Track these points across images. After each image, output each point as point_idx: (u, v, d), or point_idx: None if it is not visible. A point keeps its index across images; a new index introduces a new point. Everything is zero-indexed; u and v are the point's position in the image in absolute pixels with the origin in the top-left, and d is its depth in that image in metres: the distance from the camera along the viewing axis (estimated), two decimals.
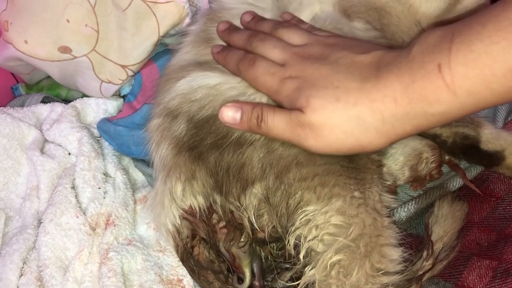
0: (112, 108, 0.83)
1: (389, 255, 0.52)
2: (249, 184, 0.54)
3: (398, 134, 0.48)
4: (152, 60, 0.82)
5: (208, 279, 0.57)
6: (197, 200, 0.56)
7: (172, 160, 0.58)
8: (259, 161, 0.54)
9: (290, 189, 0.53)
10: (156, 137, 0.61)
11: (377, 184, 0.55)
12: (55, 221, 0.66)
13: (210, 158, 0.55)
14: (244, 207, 0.55)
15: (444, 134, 0.67)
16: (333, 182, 0.52)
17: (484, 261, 0.59)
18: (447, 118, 0.46)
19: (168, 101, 0.61)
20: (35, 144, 0.75)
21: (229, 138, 0.55)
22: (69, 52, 0.78)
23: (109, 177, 0.74)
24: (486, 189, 0.68)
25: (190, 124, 0.57)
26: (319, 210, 0.51)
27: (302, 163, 0.53)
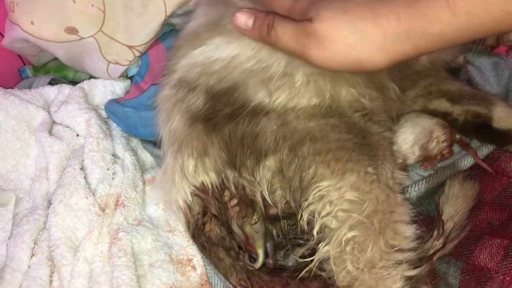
0: (120, 89, 0.83)
1: (403, 232, 0.52)
2: (263, 156, 0.54)
3: (398, 53, 0.48)
4: (159, 40, 0.81)
5: (219, 255, 0.57)
6: (210, 176, 0.56)
7: (184, 133, 0.57)
8: (273, 133, 0.54)
9: (304, 162, 0.53)
10: (168, 108, 0.60)
11: (389, 161, 0.54)
12: (64, 202, 0.66)
13: (225, 129, 0.55)
14: (257, 181, 0.54)
15: (456, 112, 0.67)
16: (346, 158, 0.52)
17: (495, 240, 0.59)
18: (445, 40, 0.46)
19: (184, 70, 0.60)
20: (43, 126, 0.75)
21: (246, 108, 0.55)
22: (76, 33, 0.77)
23: (117, 158, 0.74)
24: (497, 168, 0.67)
25: (208, 96, 0.56)
26: (333, 186, 0.52)
27: (316, 138, 0.53)
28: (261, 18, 0.55)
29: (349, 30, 0.48)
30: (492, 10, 0.43)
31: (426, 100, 0.69)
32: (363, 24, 0.48)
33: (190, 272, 0.63)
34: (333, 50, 0.49)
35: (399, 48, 0.48)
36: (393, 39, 0.47)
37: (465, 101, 0.66)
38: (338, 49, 0.49)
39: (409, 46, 0.47)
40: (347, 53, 0.49)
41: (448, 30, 0.45)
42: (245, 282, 0.58)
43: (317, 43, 0.49)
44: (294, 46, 0.52)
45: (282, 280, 0.58)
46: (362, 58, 0.49)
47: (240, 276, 0.58)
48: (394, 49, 0.48)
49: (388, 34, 0.47)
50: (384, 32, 0.47)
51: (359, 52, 0.48)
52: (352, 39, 0.48)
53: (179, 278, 0.63)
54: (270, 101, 0.54)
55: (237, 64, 0.57)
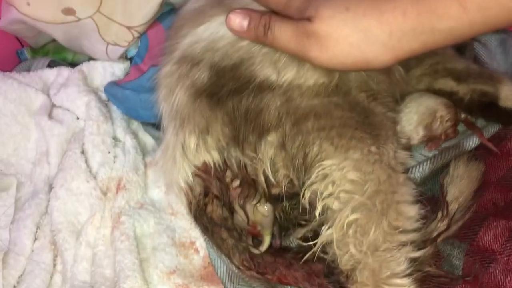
0: (119, 71, 0.82)
1: (406, 212, 0.51)
2: (265, 132, 0.53)
3: (405, 50, 0.46)
4: (158, 21, 0.80)
5: (221, 236, 0.57)
6: (212, 155, 0.55)
7: (187, 107, 0.56)
8: (276, 109, 0.52)
9: (308, 138, 0.52)
10: (170, 84, 0.58)
11: (392, 140, 0.54)
12: (65, 186, 0.66)
13: (229, 103, 0.53)
14: (260, 157, 0.53)
15: (461, 91, 0.66)
16: (350, 135, 0.51)
17: (500, 221, 0.58)
18: (455, 35, 0.44)
19: (187, 47, 0.58)
20: (43, 109, 0.75)
21: (251, 83, 0.53)
22: (73, 14, 0.75)
23: (118, 141, 0.73)
24: (503, 148, 0.66)
25: (213, 71, 0.55)
26: (337, 165, 0.51)
27: (320, 115, 0.52)
28: (257, 19, 0.52)
29: (352, 28, 0.46)
30: (504, 3, 0.41)
31: (432, 79, 0.67)
32: (367, 21, 0.45)
33: (193, 255, 0.63)
34: (336, 50, 0.47)
35: (405, 45, 0.46)
36: (399, 36, 0.45)
37: (472, 79, 0.65)
38: (341, 49, 0.47)
39: (416, 43, 0.45)
40: (351, 53, 0.47)
41: (458, 26, 0.43)
42: (248, 263, 0.58)
43: (318, 43, 0.47)
44: (293, 47, 0.49)
45: (286, 261, 0.58)
46: (367, 57, 0.47)
47: (243, 257, 0.58)
48: (400, 47, 0.46)
49: (393, 32, 0.45)
50: (390, 30, 0.45)
51: (364, 52, 0.47)
52: (355, 38, 0.46)
53: (182, 261, 0.63)
54: (277, 78, 0.53)
55: (244, 44, 0.54)
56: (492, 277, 0.54)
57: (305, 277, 0.56)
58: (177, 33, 0.61)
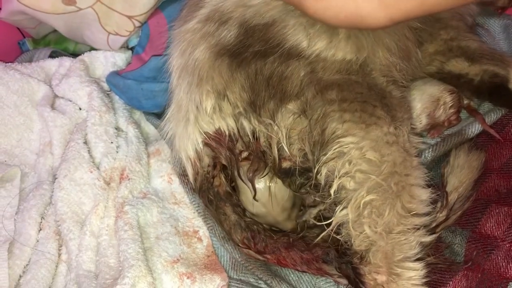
0: (121, 61, 0.81)
1: (419, 195, 0.52)
2: (286, 99, 0.52)
3: (401, 10, 0.44)
4: (159, 9, 0.79)
5: (225, 211, 0.57)
6: (226, 122, 0.54)
7: (207, 65, 0.55)
8: (300, 78, 0.52)
9: (331, 107, 0.51)
10: (193, 39, 0.57)
11: (407, 124, 0.54)
12: (69, 176, 0.66)
13: (252, 66, 0.53)
14: (276, 124, 0.53)
15: (472, 72, 0.65)
16: (370, 111, 0.51)
17: (502, 208, 0.58)
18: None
19: (217, 3, 0.57)
20: (45, 100, 0.75)
21: (280, 47, 0.53)
22: (74, 4, 0.75)
23: (121, 131, 0.74)
24: (506, 135, 0.66)
25: (242, 29, 0.54)
26: (355, 144, 0.51)
27: (342, 86, 0.52)
28: None
29: None
30: None
31: (445, 59, 0.67)
32: None
33: (196, 244, 0.64)
34: (330, 1, 0.46)
35: (402, 4, 0.44)
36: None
37: (485, 60, 0.64)
38: (336, 1, 0.45)
39: (413, 2, 0.44)
40: (345, 6, 0.45)
41: None
42: (248, 241, 0.57)
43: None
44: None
45: (286, 243, 0.58)
46: (361, 12, 0.45)
47: (245, 234, 0.57)
48: (396, 5, 0.44)
49: None
50: None
51: (358, 6, 0.45)
52: None
53: (185, 250, 0.63)
54: (308, 45, 0.52)
55: (279, 3, 0.53)
56: (494, 263, 0.54)
57: (304, 260, 0.56)
58: None
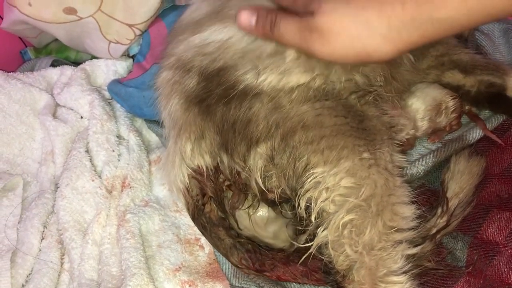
0: (122, 69, 0.82)
1: (402, 212, 0.51)
2: (254, 143, 0.53)
3: (405, 41, 0.46)
4: (159, 17, 0.80)
5: (219, 236, 0.57)
6: (204, 159, 0.56)
7: (182, 116, 0.57)
8: (265, 118, 0.53)
9: (296, 152, 0.52)
10: (166, 91, 0.60)
11: (388, 144, 0.54)
12: (71, 185, 0.66)
13: (218, 112, 0.55)
14: (249, 167, 0.54)
15: (468, 83, 0.65)
16: (341, 144, 0.51)
17: (504, 213, 0.58)
18: (454, 25, 0.44)
19: (181, 52, 0.59)
20: (47, 109, 0.75)
21: (236, 88, 0.54)
22: (75, 13, 0.76)
23: (122, 140, 0.74)
24: (507, 139, 0.65)
25: (201, 77, 0.56)
26: (328, 172, 0.51)
27: (309, 125, 0.52)
28: (264, 16, 0.52)
29: (353, 21, 0.46)
30: None
31: (439, 72, 0.67)
32: (367, 14, 0.46)
33: (198, 252, 0.64)
34: (337, 43, 0.47)
35: (405, 36, 0.45)
36: (399, 28, 0.45)
37: (478, 71, 0.64)
38: (342, 41, 0.47)
39: (416, 34, 0.45)
40: (352, 45, 0.47)
41: (457, 15, 0.43)
42: (246, 261, 0.58)
43: (320, 36, 0.48)
44: (297, 41, 0.50)
45: (283, 259, 0.58)
46: (368, 49, 0.47)
47: (241, 255, 0.58)
48: (400, 38, 0.46)
49: (393, 23, 0.45)
50: (389, 21, 0.45)
51: (365, 44, 0.47)
52: (356, 31, 0.46)
53: (187, 258, 0.63)
54: (257, 81, 0.53)
55: (230, 45, 0.56)
56: (496, 269, 0.54)
57: (303, 273, 0.56)
58: (175, 39, 0.62)
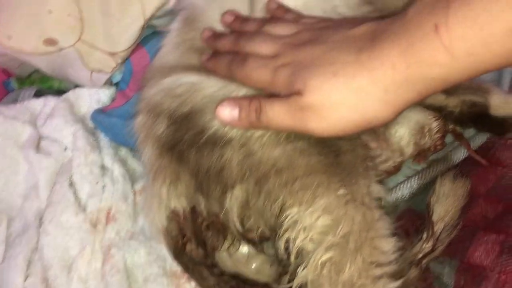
0: (105, 97, 0.81)
1: (381, 247, 0.51)
2: (229, 187, 0.53)
3: (403, 101, 0.45)
4: (140, 44, 0.79)
5: (202, 274, 0.57)
6: (181, 202, 0.56)
7: (156, 161, 0.58)
8: (238, 164, 0.52)
9: (271, 195, 0.52)
10: (142, 136, 0.61)
11: (364, 176, 0.53)
12: (55, 221, 0.66)
13: (191, 157, 0.54)
14: (226, 209, 0.54)
15: (451, 104, 0.65)
16: (316, 183, 0.50)
17: (491, 235, 0.58)
18: (449, 81, 0.44)
19: (151, 95, 0.60)
20: (30, 142, 0.74)
21: (204, 135, 0.53)
22: (55, 44, 0.75)
23: (107, 170, 0.73)
24: (492, 158, 0.65)
25: (170, 121, 0.56)
26: (304, 211, 0.50)
27: (282, 169, 0.51)
28: (247, 106, 0.51)
29: (345, 92, 0.45)
30: (493, 48, 0.40)
31: None
32: (358, 82, 0.45)
33: (185, 285, 0.63)
34: (334, 117, 0.46)
35: (403, 97, 0.45)
36: (394, 89, 0.44)
37: (460, 91, 0.64)
38: (339, 115, 0.46)
39: (413, 93, 0.45)
40: (350, 117, 0.46)
41: (449, 72, 0.42)
42: None
43: (315, 115, 0.47)
44: (290, 124, 0.49)
45: None
46: (367, 116, 0.46)
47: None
48: (397, 99, 0.45)
49: (387, 86, 0.44)
50: (383, 85, 0.44)
51: (362, 113, 0.46)
52: (351, 102, 0.45)
53: None
54: (225, 128, 0.53)
55: (199, 88, 0.55)
56: None
57: None
58: (148, 82, 0.62)
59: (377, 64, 0.44)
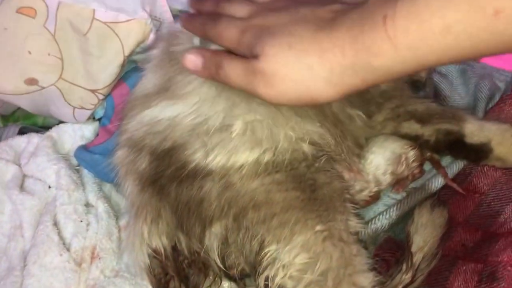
0: (89, 133, 0.82)
1: (360, 282, 0.52)
2: (208, 223, 0.54)
3: (347, 85, 0.47)
4: (122, 80, 0.80)
5: None
6: (162, 240, 0.57)
7: (137, 197, 0.58)
8: (217, 197, 0.53)
9: (250, 232, 0.53)
10: (122, 171, 0.62)
11: (341, 211, 0.54)
12: (39, 262, 0.66)
13: (172, 192, 0.55)
14: (205, 248, 0.54)
15: (426, 133, 0.66)
16: (293, 220, 0.51)
17: (469, 265, 0.58)
18: (391, 73, 0.45)
19: (133, 130, 0.60)
20: (13, 182, 0.75)
21: (185, 169, 0.54)
22: (36, 84, 0.76)
23: (91, 207, 0.74)
24: (469, 185, 0.66)
25: (153, 157, 0.57)
26: (283, 249, 0.51)
27: (260, 204, 0.52)
28: (209, 58, 0.54)
29: (295, 66, 0.47)
30: (431, 44, 0.42)
31: (396, 124, 0.68)
32: (309, 59, 0.47)
33: None
34: (282, 87, 0.48)
35: (347, 81, 0.47)
36: (340, 72, 0.46)
37: (435, 119, 0.65)
38: (286, 85, 0.48)
39: (357, 79, 0.46)
40: (296, 89, 0.48)
41: (392, 63, 0.44)
42: None
43: (265, 80, 0.49)
44: (243, 84, 0.51)
45: None
46: (311, 93, 0.48)
47: None
48: (342, 82, 0.47)
49: (334, 68, 0.46)
50: (331, 66, 0.46)
51: (308, 87, 0.48)
52: (299, 75, 0.47)
53: None
54: (206, 160, 0.54)
55: (178, 122, 0.56)
56: None
57: None
58: (128, 113, 0.62)
59: (330, 46, 0.46)
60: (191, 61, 0.55)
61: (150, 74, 0.66)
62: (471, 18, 0.39)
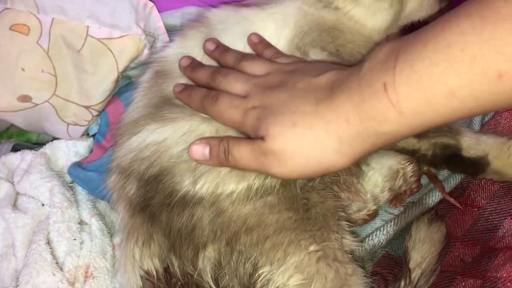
0: (83, 149, 0.82)
1: None
2: (201, 247, 0.53)
3: (359, 152, 0.47)
4: (116, 96, 0.80)
5: None
6: (154, 262, 0.56)
7: (128, 222, 0.58)
8: (210, 223, 0.53)
9: (243, 255, 0.52)
10: (115, 196, 0.62)
11: (335, 230, 0.53)
12: (31, 282, 0.65)
13: (162, 218, 0.55)
14: (198, 271, 0.54)
15: (423, 147, 0.65)
16: (286, 241, 0.51)
17: (468, 281, 0.57)
18: (399, 136, 0.46)
19: (121, 157, 0.60)
20: (6, 200, 0.74)
21: (174, 197, 0.54)
22: (30, 100, 0.76)
23: (84, 225, 0.73)
24: (467, 199, 0.65)
25: (140, 183, 0.56)
26: (277, 270, 0.51)
27: (252, 228, 0.52)
28: (216, 146, 0.53)
29: (303, 142, 0.48)
30: (437, 108, 0.42)
31: None
32: (315, 133, 0.47)
33: None
34: (294, 164, 0.48)
35: (357, 148, 0.47)
36: (349, 141, 0.46)
37: (431, 134, 0.65)
38: (298, 162, 0.48)
39: (367, 145, 0.47)
40: (308, 164, 0.48)
41: (400, 128, 0.44)
42: None
43: (276, 160, 0.49)
44: (255, 166, 0.51)
45: None
46: (324, 165, 0.48)
47: None
48: (353, 151, 0.47)
49: (342, 138, 0.46)
50: (338, 137, 0.46)
51: (320, 161, 0.48)
52: (308, 151, 0.47)
53: None
54: (194, 189, 0.54)
55: (166, 148, 0.56)
56: None
57: None
58: (118, 140, 0.63)
59: (333, 117, 0.46)
60: (197, 152, 0.54)
61: (139, 98, 0.66)
62: (474, 82, 0.39)
